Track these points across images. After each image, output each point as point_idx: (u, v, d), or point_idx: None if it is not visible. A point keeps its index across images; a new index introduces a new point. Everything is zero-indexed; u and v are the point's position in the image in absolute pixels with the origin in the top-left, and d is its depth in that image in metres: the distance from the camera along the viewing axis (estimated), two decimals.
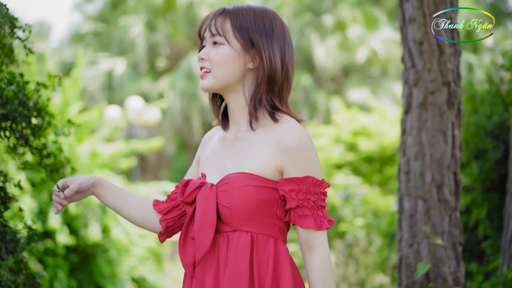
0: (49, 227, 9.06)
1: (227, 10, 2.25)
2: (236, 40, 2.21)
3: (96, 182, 2.44)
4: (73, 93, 10.39)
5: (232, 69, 2.22)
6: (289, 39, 2.27)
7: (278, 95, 2.23)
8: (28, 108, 3.25)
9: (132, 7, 20.04)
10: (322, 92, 19.65)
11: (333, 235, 7.87)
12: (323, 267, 2.17)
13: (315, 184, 2.15)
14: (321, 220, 2.16)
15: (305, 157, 2.15)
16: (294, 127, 2.16)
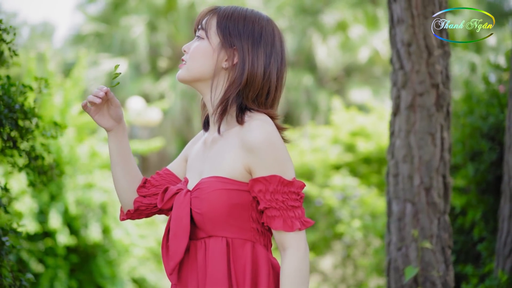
0: (50, 227, 9.07)
1: (218, 8, 2.26)
2: (216, 36, 2.21)
3: (123, 126, 2.42)
4: (74, 93, 10.40)
5: (203, 64, 2.21)
6: (280, 49, 2.24)
7: (254, 100, 2.19)
8: (14, 111, 3.23)
9: (134, 7, 20.05)
10: (324, 92, 19.61)
11: (331, 236, 7.85)
12: (292, 268, 2.10)
13: (283, 184, 2.09)
14: (292, 221, 2.09)
15: (270, 155, 2.09)
16: (259, 125, 2.12)
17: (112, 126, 2.38)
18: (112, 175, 2.45)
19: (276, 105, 2.27)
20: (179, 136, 19.54)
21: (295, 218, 2.10)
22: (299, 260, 2.10)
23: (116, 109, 2.36)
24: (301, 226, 2.10)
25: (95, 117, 2.36)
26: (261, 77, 2.18)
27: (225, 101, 2.18)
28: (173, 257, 2.19)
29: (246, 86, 2.18)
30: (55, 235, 9.16)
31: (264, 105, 2.21)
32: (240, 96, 2.19)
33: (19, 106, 3.24)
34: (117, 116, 2.37)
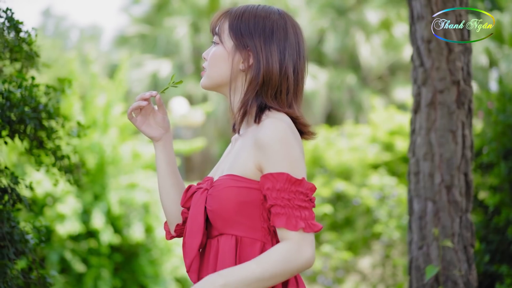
0: (93, 227, 9.21)
1: (230, 10, 2.24)
2: (229, 39, 2.19)
3: (170, 135, 2.40)
4: (117, 95, 10.55)
5: (221, 69, 2.20)
6: (294, 41, 2.19)
7: (274, 98, 2.16)
8: (38, 111, 3.30)
9: (177, 8, 20.18)
10: (368, 91, 19.47)
11: (369, 236, 7.80)
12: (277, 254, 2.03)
13: (290, 182, 2.02)
14: (297, 220, 2.01)
15: (279, 152, 2.03)
16: (271, 122, 2.08)
17: (160, 135, 2.36)
18: (160, 188, 2.40)
19: (299, 101, 2.23)
20: (222, 136, 19.62)
21: (301, 218, 2.02)
22: (291, 255, 2.02)
23: (164, 116, 2.35)
24: (306, 227, 2.01)
25: (142, 127, 2.34)
26: (277, 73, 2.14)
27: (245, 103, 2.16)
28: (188, 255, 2.18)
29: (263, 85, 2.15)
30: (98, 234, 9.30)
31: (286, 102, 2.17)
32: (259, 96, 2.16)
33: (43, 107, 3.30)
34: (165, 124, 2.36)
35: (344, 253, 7.67)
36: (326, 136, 8.84)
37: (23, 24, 3.21)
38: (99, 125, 10.08)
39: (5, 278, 3.06)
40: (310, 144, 8.64)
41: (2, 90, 3.13)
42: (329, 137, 8.80)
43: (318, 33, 20.08)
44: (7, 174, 3.25)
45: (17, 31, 3.23)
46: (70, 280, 9.45)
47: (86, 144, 9.61)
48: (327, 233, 8.04)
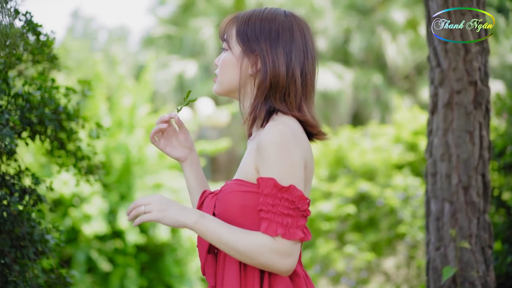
0: (119, 227, 9.29)
1: (237, 16, 2.24)
2: (237, 45, 2.20)
3: (195, 153, 2.42)
4: (143, 95, 10.62)
5: (231, 75, 2.20)
6: (301, 43, 2.18)
7: (283, 101, 2.15)
8: (58, 113, 3.34)
9: (203, 9, 20.26)
10: (394, 91, 19.37)
11: (393, 237, 7.77)
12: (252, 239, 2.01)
13: (276, 188, 1.99)
14: (277, 227, 1.98)
15: (272, 156, 2.01)
16: (272, 125, 2.06)
17: (185, 155, 2.39)
18: (192, 205, 2.40)
19: (310, 101, 2.20)
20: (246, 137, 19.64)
21: (281, 225, 1.99)
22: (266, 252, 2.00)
23: (186, 136, 2.38)
24: (285, 234, 1.98)
25: (166, 149, 2.36)
26: (284, 75, 2.13)
27: (254, 108, 2.16)
28: (200, 258, 2.20)
29: (271, 88, 2.14)
30: (124, 234, 9.38)
31: (295, 104, 2.15)
32: (268, 100, 2.15)
33: (62, 108, 3.34)
34: (188, 143, 2.39)
35: (367, 254, 7.65)
36: (350, 137, 8.82)
37: (42, 27, 3.25)
38: (125, 125, 10.17)
39: (25, 277, 3.10)
40: (333, 144, 8.63)
41: (22, 92, 3.18)
42: (353, 138, 8.77)
43: (343, 33, 20.04)
44: (27, 175, 3.29)
45: (37, 34, 3.28)
46: (96, 279, 9.54)
47: (113, 145, 9.69)
48: (350, 234, 8.02)
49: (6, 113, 3.00)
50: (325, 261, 8.08)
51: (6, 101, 3.15)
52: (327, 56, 20.15)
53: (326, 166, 8.64)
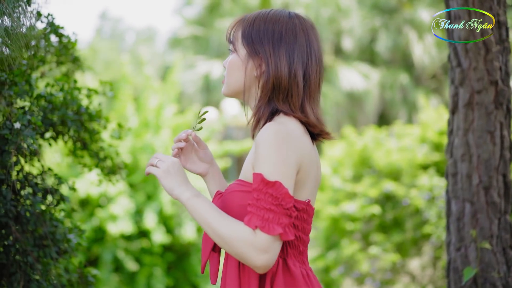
0: (145, 227, 9.35)
1: (243, 18, 2.27)
2: (242, 47, 2.23)
3: (216, 166, 2.46)
4: (169, 96, 10.68)
5: (237, 77, 2.24)
6: (305, 44, 2.20)
7: (286, 102, 2.17)
8: (80, 114, 3.38)
9: (228, 9, 20.30)
10: (421, 91, 19.25)
11: (419, 237, 7.72)
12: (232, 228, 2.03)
13: (263, 183, 2.00)
14: (256, 219, 1.99)
15: (263, 152, 2.03)
16: (269, 125, 2.07)
17: (206, 170, 2.43)
18: None
19: (314, 102, 2.22)
20: None
21: (261, 218, 2.00)
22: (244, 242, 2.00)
23: (205, 151, 2.43)
24: (263, 227, 1.99)
25: (187, 166, 2.41)
26: (286, 77, 2.15)
27: (258, 109, 2.19)
28: (202, 256, 2.23)
29: (274, 90, 2.17)
30: (150, 234, 9.43)
31: (298, 105, 2.17)
32: (272, 101, 2.18)
33: (84, 109, 3.38)
34: (207, 158, 2.43)
35: (392, 254, 7.61)
36: (375, 137, 8.78)
37: (64, 29, 3.29)
38: (152, 126, 10.23)
39: (48, 276, 3.14)
40: (358, 144, 8.60)
41: (45, 93, 3.22)
42: (378, 138, 8.74)
43: (370, 33, 19.96)
44: (51, 175, 3.33)
45: (59, 36, 3.32)
46: (123, 278, 9.60)
47: (139, 145, 9.75)
48: (375, 235, 7.98)
49: (29, 114, 3.04)
50: (349, 262, 8.06)
51: (29, 102, 3.19)
52: (353, 56, 20.10)
53: (350, 167, 8.62)
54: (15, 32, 2.34)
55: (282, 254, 2.14)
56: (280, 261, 2.13)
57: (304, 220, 2.17)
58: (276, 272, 2.12)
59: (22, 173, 3.15)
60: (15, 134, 2.79)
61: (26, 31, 2.69)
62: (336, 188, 8.50)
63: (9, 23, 2.38)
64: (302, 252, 2.19)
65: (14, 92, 2.94)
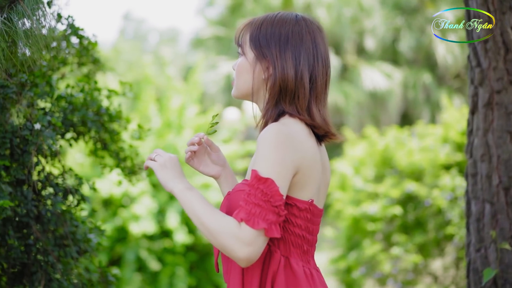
0: (167, 226, 9.39)
1: (251, 21, 2.31)
2: (250, 51, 2.27)
3: (229, 169, 2.50)
4: (191, 96, 10.73)
5: (246, 80, 2.28)
6: (311, 46, 2.23)
7: (292, 104, 2.21)
8: (100, 114, 3.41)
9: (251, 10, 20.30)
10: (444, 90, 19.13)
11: (441, 238, 7.68)
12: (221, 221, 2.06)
13: (256, 178, 2.04)
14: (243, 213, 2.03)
15: (261, 152, 2.07)
16: (271, 125, 2.11)
17: (219, 173, 2.47)
18: None
19: (321, 103, 2.25)
20: None
21: (247, 212, 2.03)
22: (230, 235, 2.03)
23: (218, 154, 2.47)
24: (248, 220, 2.02)
25: (200, 168, 2.45)
26: (292, 79, 2.19)
27: (266, 112, 2.23)
28: (215, 254, 2.27)
29: (281, 92, 2.20)
30: (172, 234, 9.47)
31: (305, 107, 2.21)
32: (279, 103, 2.22)
33: (105, 110, 3.41)
34: (220, 161, 2.47)
35: (414, 255, 7.58)
36: (396, 137, 8.75)
37: (84, 30, 3.32)
38: (174, 126, 10.27)
39: (68, 275, 3.17)
40: (380, 144, 8.58)
41: (65, 94, 3.26)
42: (399, 138, 8.71)
43: (392, 32, 19.87)
44: (72, 175, 3.37)
45: (79, 37, 3.36)
46: (146, 278, 9.65)
47: (162, 145, 9.79)
48: (397, 235, 7.96)
49: (49, 115, 3.08)
50: (371, 263, 8.04)
51: (50, 103, 3.23)
52: (376, 55, 20.02)
53: (372, 167, 8.60)
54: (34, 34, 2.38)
55: (285, 253, 2.18)
56: (283, 259, 2.17)
57: (308, 220, 2.19)
58: (278, 271, 2.15)
59: (43, 174, 3.18)
60: (36, 135, 2.82)
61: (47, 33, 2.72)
62: (357, 188, 8.49)
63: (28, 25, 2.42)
64: (307, 251, 2.22)
65: (35, 93, 2.98)
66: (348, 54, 20.16)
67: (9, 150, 2.90)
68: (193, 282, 9.79)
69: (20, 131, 2.84)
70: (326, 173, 2.29)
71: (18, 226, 3.06)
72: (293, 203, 2.15)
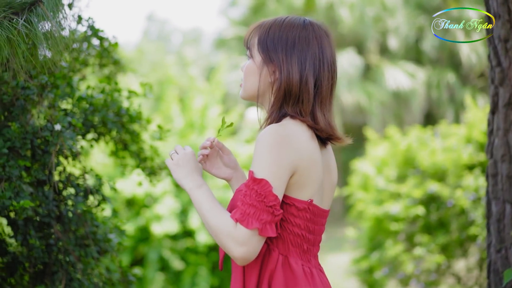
0: (190, 226, 9.43)
1: (260, 24, 2.34)
2: (258, 54, 2.30)
3: (240, 171, 2.55)
4: (214, 96, 10.76)
5: (253, 82, 2.31)
6: (317, 51, 2.26)
7: (296, 107, 2.24)
8: (121, 115, 3.44)
9: (273, 10, 20.31)
10: (468, 90, 19.00)
11: (465, 238, 7.63)
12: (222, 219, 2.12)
13: (252, 179, 2.10)
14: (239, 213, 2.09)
15: (257, 152, 2.12)
16: (270, 126, 2.16)
17: (230, 175, 2.52)
18: None
19: (326, 107, 2.28)
20: None
21: (242, 213, 2.09)
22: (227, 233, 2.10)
23: (229, 156, 2.52)
24: (242, 221, 2.08)
25: (212, 171, 2.50)
26: (297, 83, 2.22)
27: (270, 115, 2.27)
28: (220, 252, 2.33)
29: (285, 96, 2.24)
30: (195, 234, 9.50)
31: (308, 111, 2.24)
32: (282, 107, 2.25)
33: (125, 111, 3.44)
34: (231, 163, 2.52)
35: (437, 256, 7.54)
36: (419, 137, 8.70)
37: (104, 32, 3.35)
38: (197, 126, 10.31)
39: (89, 275, 3.20)
40: (402, 144, 8.54)
41: (86, 95, 3.29)
42: (422, 138, 8.66)
43: (416, 32, 19.77)
44: (92, 176, 3.39)
45: (99, 39, 3.39)
46: (169, 277, 9.70)
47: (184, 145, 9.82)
48: (419, 235, 7.91)
49: (69, 116, 3.11)
50: (394, 263, 8.01)
51: (71, 104, 3.26)
52: (399, 55, 19.94)
53: (394, 167, 8.56)
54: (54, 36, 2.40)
55: (283, 252, 2.22)
56: (281, 258, 2.21)
57: (307, 220, 2.22)
58: (275, 269, 2.20)
59: (64, 174, 3.22)
60: (56, 136, 2.85)
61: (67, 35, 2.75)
62: (379, 188, 8.45)
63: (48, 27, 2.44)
64: (307, 250, 2.26)
65: (55, 95, 3.01)
66: (371, 54, 20.10)
67: (30, 151, 2.93)
68: (215, 282, 9.82)
69: (41, 132, 2.87)
70: (332, 175, 2.33)
71: (39, 226, 3.09)
72: (291, 203, 2.19)
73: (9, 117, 2.89)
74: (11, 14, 2.33)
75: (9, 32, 2.28)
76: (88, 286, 3.15)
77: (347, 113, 18.89)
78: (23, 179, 2.86)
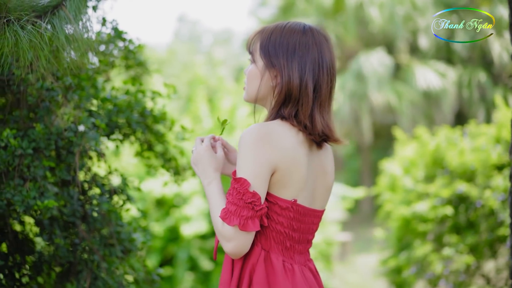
0: None
1: (262, 30, 2.41)
2: (260, 59, 2.37)
3: None
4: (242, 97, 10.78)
5: (255, 87, 2.38)
6: (317, 56, 2.33)
7: (294, 110, 2.31)
8: (145, 116, 3.48)
9: (303, 10, 20.29)
10: (500, 89, 18.78)
11: (494, 239, 7.56)
12: None
13: (234, 178, 2.23)
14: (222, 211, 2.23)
15: (240, 150, 2.23)
16: (254, 125, 2.26)
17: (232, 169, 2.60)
18: None
19: (325, 111, 2.35)
20: (348, 136, 19.52)
21: (224, 210, 2.23)
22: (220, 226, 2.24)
23: (234, 153, 2.61)
24: (224, 218, 2.22)
25: None
26: (297, 88, 2.30)
27: (269, 117, 2.35)
28: (216, 243, 2.42)
29: (285, 99, 2.32)
30: None
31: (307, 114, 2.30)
32: (281, 110, 2.33)
33: (149, 112, 3.48)
34: (236, 160, 2.55)
35: (466, 256, 7.48)
36: (448, 136, 8.64)
37: (127, 34, 3.39)
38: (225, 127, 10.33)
39: (113, 274, 3.24)
40: (431, 144, 8.48)
41: (111, 96, 3.33)
42: (451, 137, 8.59)
43: (447, 31, 19.60)
44: (117, 176, 3.44)
45: (123, 40, 3.43)
46: (198, 277, 9.74)
47: None
48: (448, 236, 7.86)
49: (94, 116, 3.15)
50: (422, 263, 7.97)
51: (96, 106, 3.31)
52: (429, 54, 19.79)
53: (423, 167, 8.51)
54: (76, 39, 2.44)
55: (266, 247, 2.32)
56: (263, 253, 2.31)
57: (291, 218, 2.31)
58: (257, 263, 2.30)
59: (89, 174, 3.26)
60: (80, 137, 2.90)
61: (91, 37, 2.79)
62: (407, 188, 8.42)
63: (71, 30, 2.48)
64: (290, 247, 2.34)
65: (80, 96, 3.06)
66: (401, 53, 19.97)
67: (55, 152, 2.98)
68: None
69: (65, 133, 2.92)
70: (327, 177, 2.42)
71: (64, 226, 3.14)
72: (274, 201, 2.28)
73: (34, 118, 2.94)
74: (34, 18, 2.38)
75: (32, 36, 2.33)
76: (112, 285, 3.19)
77: (377, 113, 18.78)
78: (47, 179, 2.91)
